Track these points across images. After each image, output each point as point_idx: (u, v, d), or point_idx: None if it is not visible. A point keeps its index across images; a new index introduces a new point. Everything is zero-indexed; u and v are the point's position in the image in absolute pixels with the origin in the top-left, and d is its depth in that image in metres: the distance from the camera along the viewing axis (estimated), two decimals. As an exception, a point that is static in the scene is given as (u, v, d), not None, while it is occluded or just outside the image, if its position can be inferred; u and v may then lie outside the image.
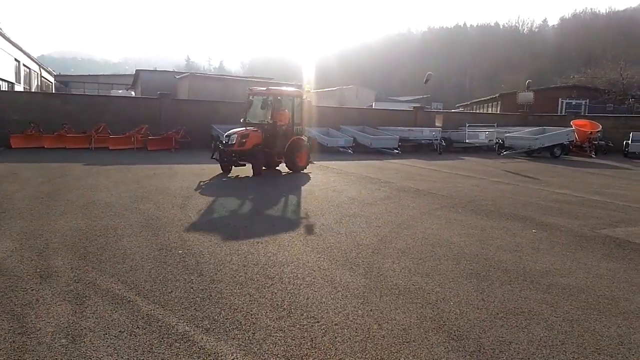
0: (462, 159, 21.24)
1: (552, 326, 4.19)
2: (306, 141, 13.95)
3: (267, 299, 4.64)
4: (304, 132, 14.65)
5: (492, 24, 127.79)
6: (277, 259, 5.86)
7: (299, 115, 14.38)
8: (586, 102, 38.10)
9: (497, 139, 24.23)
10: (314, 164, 15.78)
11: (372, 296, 4.75)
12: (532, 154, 22.91)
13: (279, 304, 4.53)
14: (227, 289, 4.86)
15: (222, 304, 4.50)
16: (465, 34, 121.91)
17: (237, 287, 4.91)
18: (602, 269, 5.83)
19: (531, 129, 25.35)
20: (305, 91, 16.13)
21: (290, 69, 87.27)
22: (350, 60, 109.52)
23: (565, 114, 33.28)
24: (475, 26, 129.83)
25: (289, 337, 3.87)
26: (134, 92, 38.17)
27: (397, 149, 22.03)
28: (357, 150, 21.76)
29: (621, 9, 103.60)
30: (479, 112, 47.71)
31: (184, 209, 8.56)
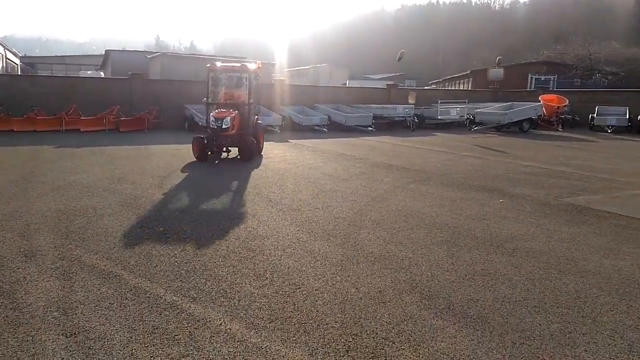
0: (434, 135, 21.66)
1: (515, 285, 4.54)
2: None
3: (249, 269, 4.86)
4: (258, 112, 13.91)
5: (465, 1, 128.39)
6: (257, 233, 6.07)
7: (257, 93, 13.17)
8: (555, 78, 38.96)
9: (468, 114, 24.71)
10: (289, 142, 15.93)
11: (349, 264, 5.02)
12: (501, 128, 23.48)
13: (262, 273, 4.76)
14: (210, 262, 5.06)
15: (207, 275, 4.71)
16: (437, 12, 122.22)
17: (220, 260, 5.11)
18: (564, 234, 6.23)
19: (501, 104, 25.92)
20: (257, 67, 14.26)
21: (262, 49, 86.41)
22: (324, 39, 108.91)
23: (534, 89, 34.00)
24: (447, 3, 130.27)
25: (273, 302, 4.12)
26: (103, 73, 37.32)
27: (371, 127, 22.30)
28: (331, 128, 21.95)
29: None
30: (450, 88, 48.34)
31: (162, 188, 8.66)
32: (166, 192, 8.37)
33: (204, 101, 12.75)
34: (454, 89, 47.17)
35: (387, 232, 6.14)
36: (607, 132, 23.62)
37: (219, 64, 12.97)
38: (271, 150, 14.20)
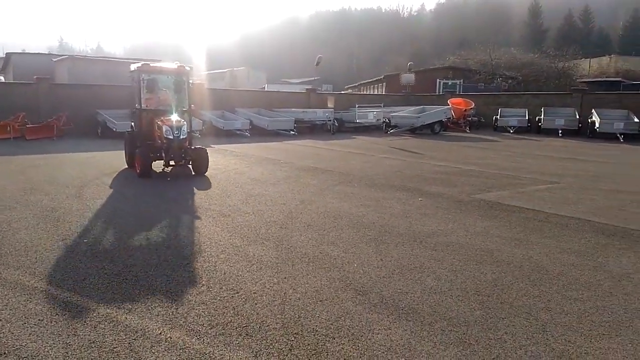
0: (353, 138, 22.31)
1: (439, 277, 4.89)
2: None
3: (184, 277, 4.83)
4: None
5: (375, 8, 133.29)
6: (189, 241, 6.01)
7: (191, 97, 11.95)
8: (461, 82, 41.48)
9: (384, 118, 25.70)
10: (213, 148, 15.68)
11: (284, 266, 5.13)
12: (415, 131, 24.67)
13: (197, 280, 4.74)
14: (142, 272, 4.95)
15: (140, 285, 4.61)
16: (350, 18, 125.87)
17: (152, 270, 5.02)
18: (478, 227, 6.76)
19: (414, 108, 27.24)
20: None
21: (177, 52, 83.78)
22: (241, 43, 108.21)
23: (442, 93, 36.01)
24: (359, 10, 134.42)
25: (212, 308, 4.13)
26: (2, 77, 34.41)
27: (293, 130, 22.53)
28: (253, 132, 21.90)
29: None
30: (366, 93, 49.88)
31: (81, 198, 8.26)
32: (86, 202, 7.98)
33: (135, 108, 11.14)
34: (369, 93, 48.72)
35: (318, 233, 6.33)
36: (510, 132, 25.59)
37: (153, 65, 11.60)
38: (193, 156, 13.92)
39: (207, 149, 11.09)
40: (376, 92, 47.58)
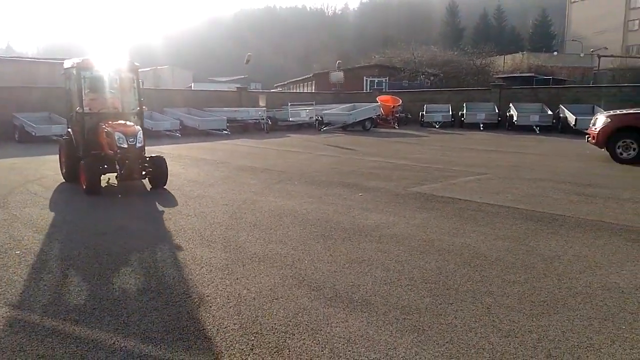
0: (288, 136, 22.36)
1: (388, 268, 5.07)
2: None
3: (131, 284, 4.67)
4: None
5: (300, 7, 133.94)
6: (131, 247, 5.80)
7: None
8: (386, 80, 42.66)
9: (316, 116, 25.95)
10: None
11: (235, 267, 5.10)
12: (347, 128, 25.12)
13: (146, 287, 4.60)
14: (84, 282, 4.74)
15: (84, 296, 4.41)
16: (275, 16, 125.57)
17: (95, 278, 4.81)
18: (417, 219, 7.04)
19: (345, 105, 27.72)
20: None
21: (96, 52, 79.70)
22: (164, 44, 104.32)
23: (370, 91, 36.93)
24: (285, 8, 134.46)
25: (165, 314, 4.03)
26: None
27: (225, 130, 22.20)
28: (184, 133, 21.36)
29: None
30: (296, 91, 50.06)
31: (6, 207, 7.71)
32: (11, 211, 7.46)
33: (74, 112, 9.59)
34: (299, 91, 48.93)
35: (265, 232, 6.32)
36: (435, 127, 26.70)
37: (95, 60, 9.71)
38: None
39: (164, 158, 9.61)
40: (306, 90, 47.86)
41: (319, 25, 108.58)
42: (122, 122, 9.24)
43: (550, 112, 23.68)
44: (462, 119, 26.29)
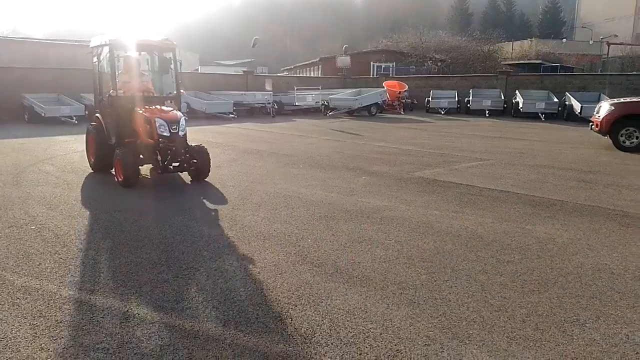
0: (294, 120, 22.50)
1: (387, 247, 5.27)
2: None
3: (142, 258, 4.90)
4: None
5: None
6: (142, 224, 6.04)
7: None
8: (394, 65, 42.49)
9: (322, 100, 26.04)
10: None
11: (240, 244, 5.32)
12: (353, 113, 25.22)
13: (156, 261, 4.84)
14: (98, 255, 4.99)
15: (98, 268, 4.66)
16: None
17: (108, 253, 5.06)
18: (418, 202, 7.23)
19: (351, 90, 27.77)
20: None
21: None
22: (171, 25, 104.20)
23: (377, 76, 36.84)
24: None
25: (175, 285, 4.27)
26: None
27: (232, 113, 22.36)
28: (191, 116, 21.52)
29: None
30: (302, 75, 49.97)
31: (19, 185, 7.97)
32: (25, 189, 7.71)
33: (109, 94, 8.44)
34: (305, 75, 48.85)
35: (270, 212, 6.54)
36: (441, 113, 26.73)
37: (130, 38, 8.69)
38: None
39: (206, 147, 8.70)
40: (312, 75, 47.78)
41: (327, 8, 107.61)
42: (158, 107, 8.47)
43: (556, 100, 23.66)
44: (468, 105, 26.29)
